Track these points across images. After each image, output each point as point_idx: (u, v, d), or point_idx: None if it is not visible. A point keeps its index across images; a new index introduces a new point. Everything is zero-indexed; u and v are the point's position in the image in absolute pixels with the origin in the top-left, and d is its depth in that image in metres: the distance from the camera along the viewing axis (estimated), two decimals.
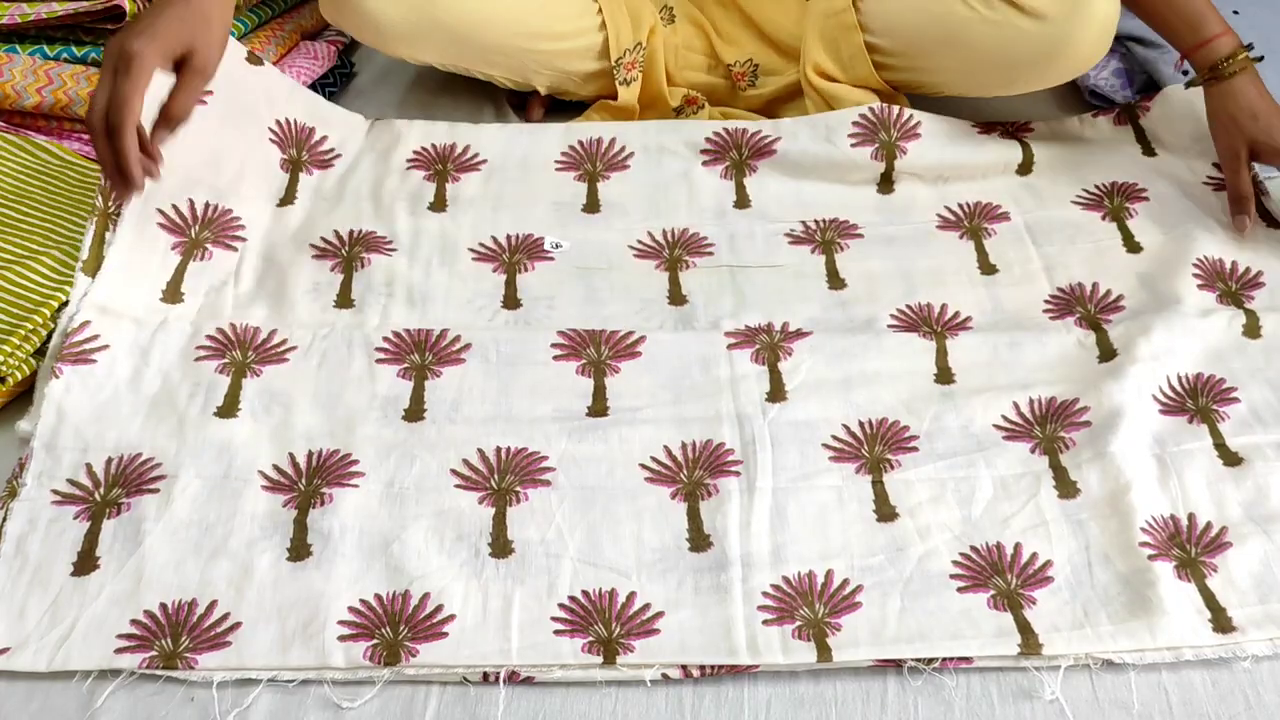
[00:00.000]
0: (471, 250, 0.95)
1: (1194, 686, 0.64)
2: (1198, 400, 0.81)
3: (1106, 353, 0.85)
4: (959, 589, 0.69)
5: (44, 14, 1.05)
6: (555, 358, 0.85)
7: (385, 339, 0.86)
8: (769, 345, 0.86)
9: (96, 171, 0.99)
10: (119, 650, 0.65)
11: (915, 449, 0.78)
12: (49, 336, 0.82)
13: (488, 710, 0.63)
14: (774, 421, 0.80)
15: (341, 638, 0.66)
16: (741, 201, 1.01)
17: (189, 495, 0.73)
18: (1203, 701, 0.64)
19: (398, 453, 0.77)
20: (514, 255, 0.95)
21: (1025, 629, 0.67)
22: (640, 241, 0.97)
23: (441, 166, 1.03)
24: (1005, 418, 0.81)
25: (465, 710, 0.63)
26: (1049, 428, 0.79)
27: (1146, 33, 1.19)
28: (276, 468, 0.76)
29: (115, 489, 0.74)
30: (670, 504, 0.75)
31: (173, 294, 0.86)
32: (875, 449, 0.78)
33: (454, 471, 0.76)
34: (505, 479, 0.76)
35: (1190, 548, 0.71)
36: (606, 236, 0.97)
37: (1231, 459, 0.77)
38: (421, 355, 0.84)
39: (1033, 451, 0.78)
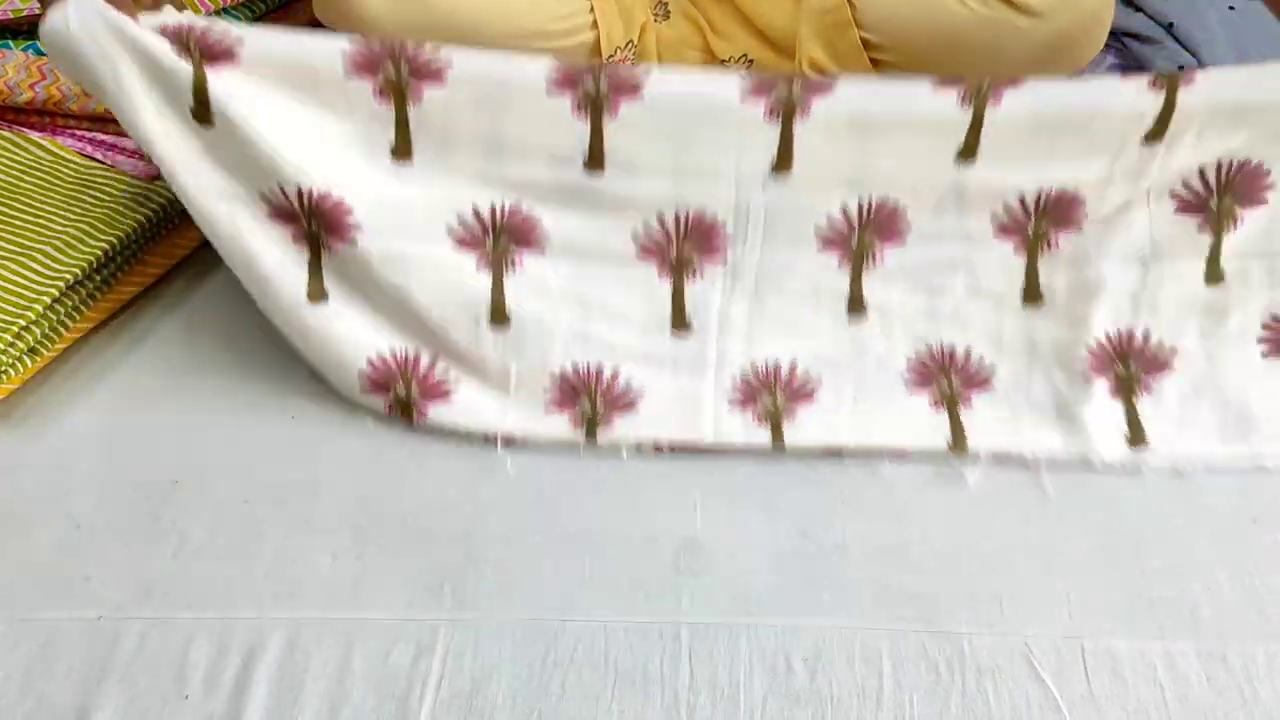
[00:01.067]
0: None
1: (1190, 683, 0.64)
2: (1222, 199, 0.79)
3: (1159, 128, 0.78)
4: (906, 386, 0.77)
5: (37, 9, 1.05)
6: (555, 82, 0.77)
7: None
8: (786, 99, 0.77)
9: (91, 169, 0.98)
10: None
11: (903, 241, 0.80)
12: (42, 335, 0.82)
13: (486, 703, 0.63)
14: (772, 198, 0.78)
15: (364, 389, 0.75)
16: None
17: (193, 204, 0.74)
18: (1199, 698, 0.64)
19: (391, 204, 0.76)
20: None
21: (956, 429, 0.75)
22: None
23: None
24: (1006, 207, 0.80)
25: (461, 708, 0.63)
26: (1043, 224, 0.80)
27: (1144, 29, 1.19)
28: (273, 192, 0.74)
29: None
30: (657, 281, 0.79)
31: None
32: (865, 237, 0.80)
33: (449, 227, 0.77)
34: (500, 240, 0.77)
35: (1131, 364, 0.77)
36: None
37: (1215, 276, 0.79)
38: (397, 67, 0.76)
39: (1015, 251, 0.80)
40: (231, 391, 0.83)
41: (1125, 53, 1.19)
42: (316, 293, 0.74)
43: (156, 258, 0.94)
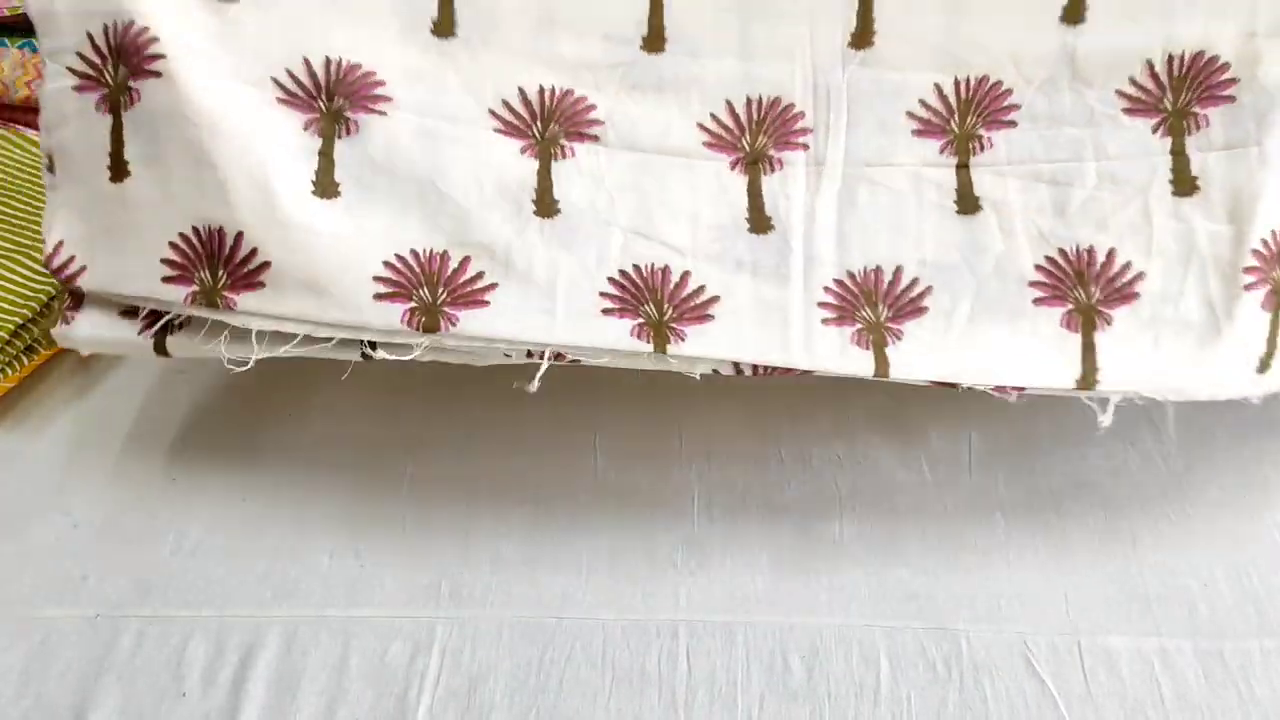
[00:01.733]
0: None
1: (1187, 680, 0.64)
2: None
3: None
4: (1034, 300, 0.64)
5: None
6: None
7: None
8: None
9: None
10: (165, 279, 0.62)
11: (1013, 123, 0.68)
12: (39, 332, 0.82)
13: (484, 701, 0.63)
14: (853, 78, 0.69)
15: (378, 296, 0.62)
16: None
17: (193, 90, 0.62)
18: (1195, 695, 0.64)
19: (429, 79, 0.67)
20: None
21: (1089, 356, 0.63)
22: None
23: None
24: (1133, 81, 0.68)
25: (458, 706, 0.63)
26: (1184, 96, 0.67)
27: None
28: (290, 74, 0.65)
29: (120, 67, 0.63)
30: (730, 175, 0.68)
31: None
32: (967, 122, 0.69)
33: (492, 112, 0.67)
34: (549, 128, 0.68)
35: None
36: None
37: None
38: None
39: (1155, 131, 0.67)
40: (228, 389, 0.83)
41: None
42: (327, 187, 0.64)
43: None
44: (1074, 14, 0.68)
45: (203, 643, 0.66)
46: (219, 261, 0.62)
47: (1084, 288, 0.65)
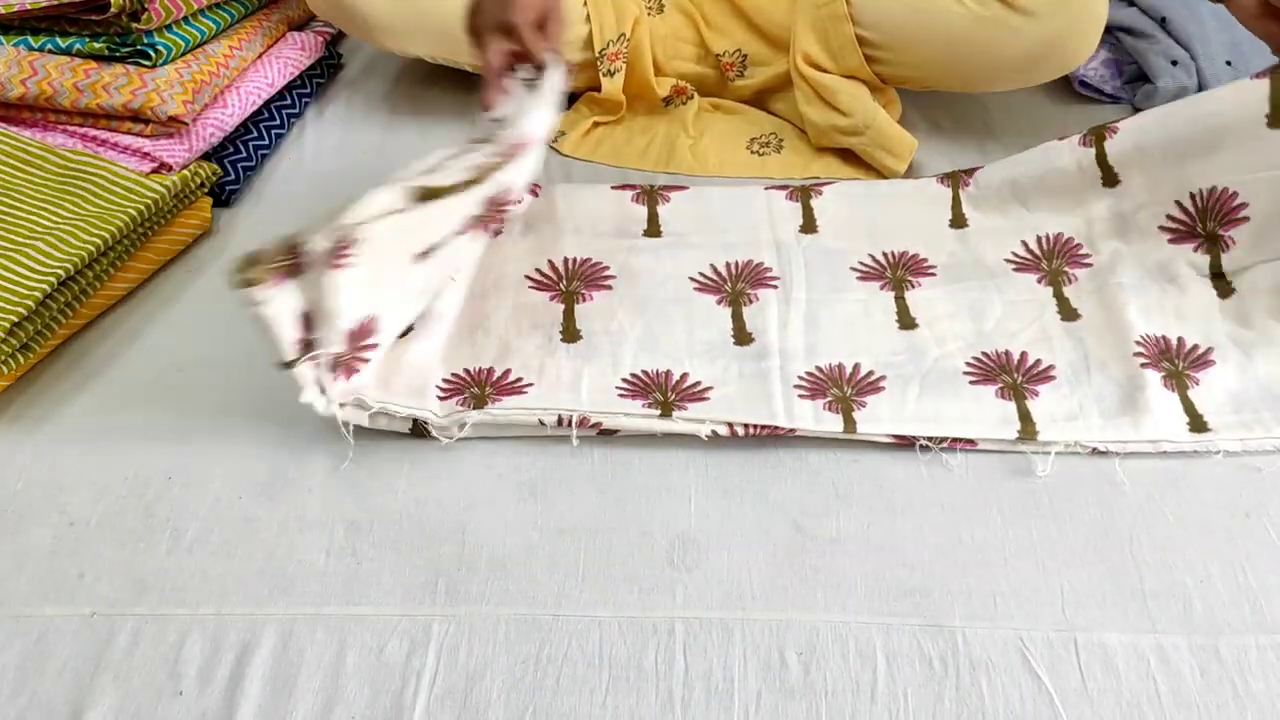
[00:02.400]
0: None
1: (1182, 675, 0.65)
2: (1205, 224, 0.88)
3: (1106, 174, 0.92)
4: (970, 382, 0.81)
5: (28, 4, 1.04)
6: (612, 186, 1.02)
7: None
8: (802, 189, 1.00)
9: (84, 164, 0.98)
10: (439, 398, 0.79)
11: (933, 274, 0.91)
12: (35, 331, 0.81)
13: (480, 698, 0.63)
14: (807, 250, 0.93)
15: (440, 397, 0.79)
16: None
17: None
18: (1191, 690, 0.64)
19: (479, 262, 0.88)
20: None
21: (1025, 417, 0.78)
22: None
23: None
24: (1014, 253, 0.92)
25: (455, 704, 0.63)
26: (1055, 262, 0.91)
27: (1136, 23, 1.19)
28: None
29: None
30: (716, 308, 0.88)
31: None
32: (898, 273, 0.91)
33: (527, 277, 0.90)
34: (573, 283, 0.90)
35: (1178, 362, 0.82)
36: None
37: (1225, 290, 0.86)
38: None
39: (1039, 282, 0.90)
40: (225, 387, 0.83)
41: (1118, 48, 1.19)
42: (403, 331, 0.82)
43: (150, 254, 0.94)
44: (958, 223, 0.97)
45: (199, 641, 0.66)
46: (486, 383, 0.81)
47: (1008, 374, 0.82)
